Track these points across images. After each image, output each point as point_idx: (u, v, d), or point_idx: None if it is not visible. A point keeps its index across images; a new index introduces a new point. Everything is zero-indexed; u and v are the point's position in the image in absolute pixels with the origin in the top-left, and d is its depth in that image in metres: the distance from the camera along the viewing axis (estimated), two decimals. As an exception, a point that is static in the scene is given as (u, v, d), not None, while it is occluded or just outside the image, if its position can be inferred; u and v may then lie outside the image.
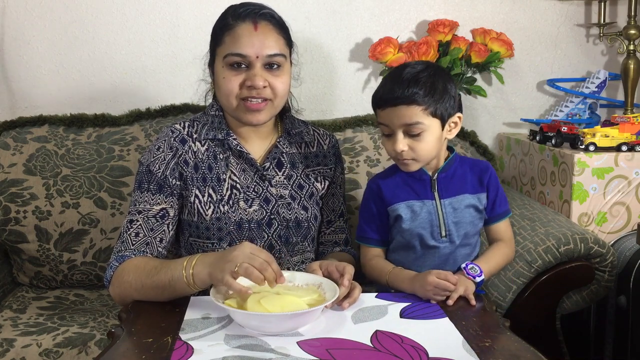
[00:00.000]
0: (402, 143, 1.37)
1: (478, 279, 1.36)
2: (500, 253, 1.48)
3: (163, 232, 1.44)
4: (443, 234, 1.42)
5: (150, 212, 1.44)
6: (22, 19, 2.19)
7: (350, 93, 2.35)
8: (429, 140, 1.37)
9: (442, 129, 1.39)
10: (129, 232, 1.42)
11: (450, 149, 1.48)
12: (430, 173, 1.44)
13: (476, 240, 1.48)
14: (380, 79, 2.32)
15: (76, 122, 2.06)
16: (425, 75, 1.35)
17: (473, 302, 1.31)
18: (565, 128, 2.03)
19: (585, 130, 1.98)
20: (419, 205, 1.43)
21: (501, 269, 1.51)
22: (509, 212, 1.50)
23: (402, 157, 1.39)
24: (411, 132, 1.36)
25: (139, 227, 1.42)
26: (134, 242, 1.41)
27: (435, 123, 1.37)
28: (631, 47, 2.24)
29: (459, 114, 1.42)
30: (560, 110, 2.30)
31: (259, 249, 1.25)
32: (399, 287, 1.39)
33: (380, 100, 1.38)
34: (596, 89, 2.30)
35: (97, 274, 1.94)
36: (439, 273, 1.32)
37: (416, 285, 1.34)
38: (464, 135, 2.11)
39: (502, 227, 1.49)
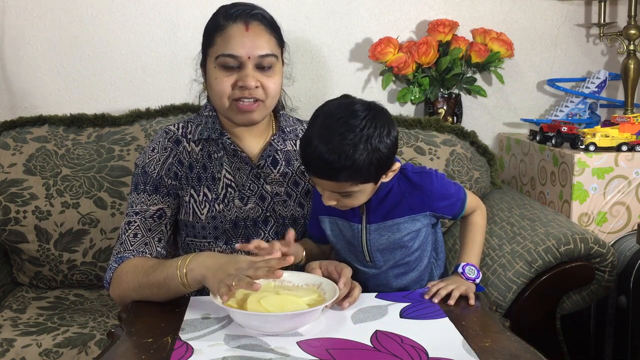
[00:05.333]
0: (330, 199, 1.29)
1: (477, 280, 1.36)
2: (477, 233, 1.42)
3: (161, 232, 1.44)
4: (367, 259, 1.39)
5: (148, 212, 1.44)
6: (22, 19, 2.19)
7: (350, 93, 2.33)
8: (360, 197, 1.29)
9: (377, 184, 1.31)
10: (127, 234, 1.42)
11: None
12: None
13: (416, 257, 1.40)
14: (380, 79, 2.32)
15: (76, 122, 2.06)
16: (361, 148, 1.20)
17: (472, 301, 1.31)
18: (565, 128, 2.03)
19: (585, 130, 1.98)
20: (344, 225, 1.39)
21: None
22: (465, 195, 1.40)
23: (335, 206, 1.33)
24: (342, 194, 1.28)
25: (137, 228, 1.43)
26: (132, 243, 1.41)
27: (367, 186, 1.27)
28: (631, 47, 2.24)
29: (396, 165, 1.31)
30: (560, 110, 2.30)
31: (255, 258, 1.23)
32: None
33: (306, 165, 1.27)
34: (596, 89, 2.30)
35: (97, 274, 1.94)
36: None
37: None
38: (463, 135, 2.11)
39: (469, 207, 1.41)
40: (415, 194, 1.35)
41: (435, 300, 1.31)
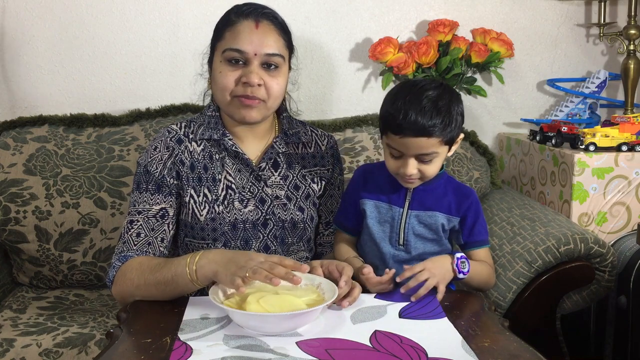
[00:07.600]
0: (413, 167, 1.37)
1: (460, 276, 1.37)
2: (485, 270, 1.45)
3: (164, 232, 1.44)
4: (400, 242, 1.43)
5: (150, 212, 1.44)
6: (22, 19, 2.19)
7: (350, 93, 2.35)
8: (437, 163, 1.39)
9: (449, 151, 1.41)
10: (129, 233, 1.42)
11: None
12: None
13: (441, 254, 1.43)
14: (380, 79, 2.32)
15: (76, 122, 2.06)
16: (443, 104, 1.33)
17: (440, 295, 1.32)
18: (565, 128, 2.03)
19: (585, 130, 1.99)
20: (385, 208, 1.45)
21: (476, 284, 1.44)
22: (487, 242, 1.47)
23: (410, 179, 1.39)
24: (424, 159, 1.36)
25: (140, 227, 1.43)
26: (135, 243, 1.41)
27: (445, 149, 1.38)
28: (631, 47, 2.24)
29: (462, 135, 1.43)
30: (560, 110, 2.30)
31: (271, 255, 1.25)
32: None
33: (399, 128, 1.33)
34: (596, 89, 2.30)
35: (97, 274, 1.94)
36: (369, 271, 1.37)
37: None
38: (463, 135, 2.11)
39: (482, 255, 1.46)
40: (457, 196, 1.44)
41: (413, 299, 1.32)
